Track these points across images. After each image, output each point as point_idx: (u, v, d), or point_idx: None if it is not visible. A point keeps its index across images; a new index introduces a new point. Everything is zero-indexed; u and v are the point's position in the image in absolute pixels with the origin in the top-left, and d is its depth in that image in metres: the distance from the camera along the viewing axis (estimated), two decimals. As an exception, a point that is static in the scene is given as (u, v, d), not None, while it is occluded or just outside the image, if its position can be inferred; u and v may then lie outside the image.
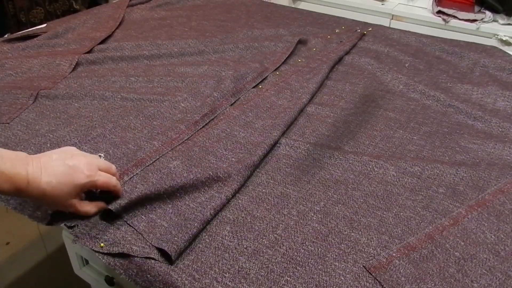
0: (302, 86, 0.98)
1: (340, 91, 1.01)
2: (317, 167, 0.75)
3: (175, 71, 1.06)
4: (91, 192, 0.63)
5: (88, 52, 1.12)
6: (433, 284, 0.55)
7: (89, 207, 0.61)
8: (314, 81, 0.99)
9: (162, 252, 0.57)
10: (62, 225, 0.62)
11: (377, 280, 0.55)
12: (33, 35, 1.20)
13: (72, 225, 0.61)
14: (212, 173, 0.68)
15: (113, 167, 0.63)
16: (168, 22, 1.38)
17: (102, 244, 0.58)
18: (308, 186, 0.71)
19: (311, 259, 0.58)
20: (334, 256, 0.58)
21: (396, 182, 0.72)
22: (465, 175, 0.74)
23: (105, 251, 0.58)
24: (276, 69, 1.08)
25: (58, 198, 0.56)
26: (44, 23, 1.31)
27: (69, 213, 0.61)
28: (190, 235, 0.58)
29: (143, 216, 0.62)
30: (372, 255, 0.59)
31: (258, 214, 0.65)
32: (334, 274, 0.56)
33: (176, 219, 0.62)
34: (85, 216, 0.61)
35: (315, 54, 1.16)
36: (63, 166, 0.56)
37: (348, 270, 0.56)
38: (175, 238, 0.57)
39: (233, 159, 0.75)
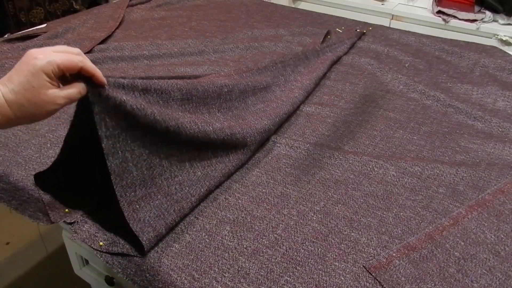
0: (296, 80, 0.98)
1: (340, 91, 1.01)
2: (317, 167, 0.75)
3: (175, 71, 1.06)
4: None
5: (88, 52, 1.12)
6: (433, 284, 0.55)
7: (71, 89, 0.52)
8: (308, 78, 0.98)
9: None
10: (62, 223, 0.62)
11: (377, 280, 0.55)
12: (33, 35, 1.20)
13: (72, 221, 0.61)
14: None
15: (73, 49, 0.53)
16: (168, 22, 1.38)
17: (101, 243, 0.58)
18: (308, 186, 0.71)
19: (311, 259, 0.58)
20: (334, 256, 0.58)
21: (396, 182, 0.72)
22: (465, 175, 0.74)
23: (104, 250, 0.58)
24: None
25: (29, 101, 0.49)
26: (44, 23, 1.31)
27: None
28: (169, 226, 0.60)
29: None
30: (372, 255, 0.59)
31: (258, 214, 0.65)
32: (334, 274, 0.56)
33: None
34: (84, 213, 0.61)
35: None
36: (14, 69, 0.50)
37: (348, 270, 0.56)
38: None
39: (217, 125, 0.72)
